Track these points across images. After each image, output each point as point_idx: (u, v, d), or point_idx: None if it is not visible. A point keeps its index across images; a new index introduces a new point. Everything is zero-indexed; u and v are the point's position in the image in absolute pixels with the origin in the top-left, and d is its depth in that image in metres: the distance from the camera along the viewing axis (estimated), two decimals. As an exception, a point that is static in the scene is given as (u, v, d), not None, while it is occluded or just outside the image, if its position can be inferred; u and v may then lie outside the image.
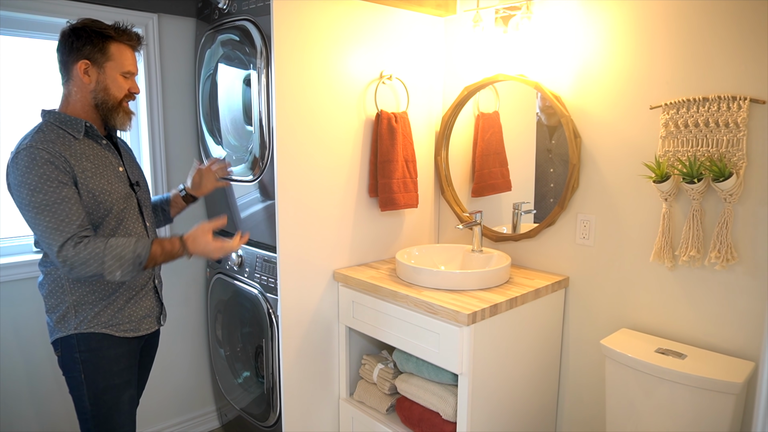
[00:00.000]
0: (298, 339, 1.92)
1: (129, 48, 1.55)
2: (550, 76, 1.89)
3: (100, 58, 1.50)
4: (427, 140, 2.24)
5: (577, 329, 1.94)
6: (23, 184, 1.38)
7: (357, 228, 2.05)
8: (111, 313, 1.56)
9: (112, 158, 1.58)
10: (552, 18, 1.87)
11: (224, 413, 2.54)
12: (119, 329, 1.58)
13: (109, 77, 1.52)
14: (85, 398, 1.55)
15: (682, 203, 1.62)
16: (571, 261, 1.93)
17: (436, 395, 1.77)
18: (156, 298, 1.70)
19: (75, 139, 1.50)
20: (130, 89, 1.57)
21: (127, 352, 1.61)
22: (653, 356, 1.55)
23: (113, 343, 1.57)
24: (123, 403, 1.60)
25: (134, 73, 1.58)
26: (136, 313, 1.62)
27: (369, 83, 1.99)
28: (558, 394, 2.02)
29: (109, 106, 1.54)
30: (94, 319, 1.54)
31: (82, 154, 1.49)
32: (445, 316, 1.60)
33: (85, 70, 1.50)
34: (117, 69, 1.52)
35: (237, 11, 1.97)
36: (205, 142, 2.24)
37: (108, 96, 1.53)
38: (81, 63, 1.49)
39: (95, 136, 1.55)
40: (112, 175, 1.55)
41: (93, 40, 1.49)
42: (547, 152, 1.97)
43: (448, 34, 2.22)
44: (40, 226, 1.39)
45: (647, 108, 1.66)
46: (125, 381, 1.60)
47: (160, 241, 1.54)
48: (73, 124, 1.50)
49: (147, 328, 1.66)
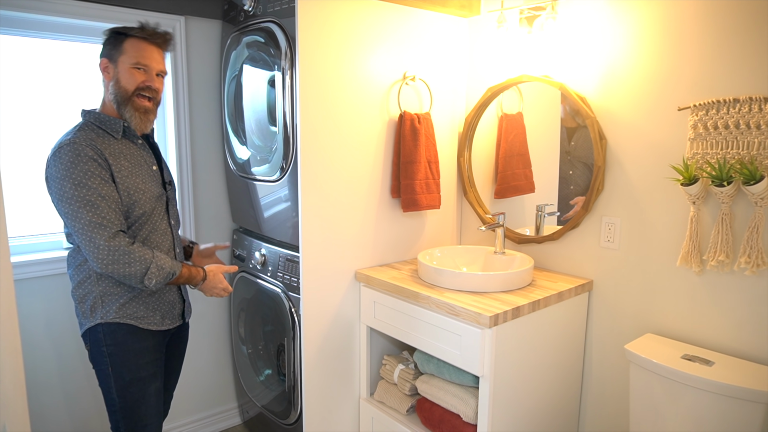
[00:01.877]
0: (319, 338, 1.94)
1: (145, 42, 1.56)
2: (576, 77, 1.87)
3: (115, 54, 1.55)
4: (449, 141, 2.24)
5: (600, 333, 1.91)
6: (66, 178, 1.43)
7: (379, 228, 2.06)
8: (136, 306, 1.60)
9: (147, 157, 1.64)
10: (577, 18, 1.85)
11: (246, 410, 2.57)
12: (143, 322, 1.62)
13: (121, 70, 1.54)
14: (113, 390, 1.59)
15: (710, 207, 1.59)
16: (595, 264, 1.90)
17: (456, 397, 1.77)
18: (179, 294, 1.73)
19: (114, 138, 1.56)
20: (144, 82, 1.56)
21: (152, 346, 1.65)
22: (680, 362, 1.52)
23: (138, 336, 1.61)
24: (149, 395, 1.64)
25: (150, 66, 1.56)
26: (160, 308, 1.66)
27: (392, 84, 1.99)
28: (580, 399, 2.00)
29: (120, 100, 1.55)
30: (120, 309, 1.58)
31: (120, 153, 1.55)
32: (467, 318, 1.60)
33: (105, 67, 1.56)
34: (128, 61, 1.54)
35: (262, 13, 2.00)
36: (230, 142, 2.27)
37: (119, 89, 1.54)
38: (102, 61, 1.56)
39: (132, 136, 1.60)
40: (146, 175, 1.61)
41: (112, 40, 1.55)
42: (570, 154, 1.95)
43: (472, 34, 2.21)
44: (82, 220, 1.44)
45: (675, 109, 1.63)
46: (150, 374, 1.64)
47: (189, 267, 1.66)
48: (112, 124, 1.56)
49: (170, 322, 1.70)
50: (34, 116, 2.07)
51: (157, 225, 1.64)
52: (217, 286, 1.71)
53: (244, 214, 2.34)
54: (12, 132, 2.03)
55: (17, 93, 2.02)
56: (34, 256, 2.05)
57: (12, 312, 0.70)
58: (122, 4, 2.05)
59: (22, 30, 1.94)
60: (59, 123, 2.03)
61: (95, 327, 1.57)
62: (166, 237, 1.67)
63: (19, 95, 2.03)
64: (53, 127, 2.04)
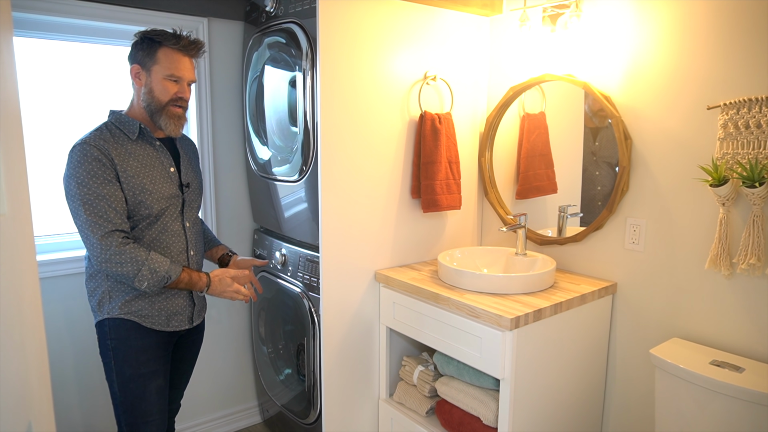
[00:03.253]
0: (339, 338, 1.94)
1: (179, 53, 1.60)
2: (600, 76, 1.83)
3: (149, 62, 1.58)
4: (471, 141, 2.22)
5: (625, 337, 1.87)
6: (72, 176, 1.49)
7: (399, 229, 2.05)
8: (142, 304, 1.62)
9: (164, 159, 1.66)
10: (602, 16, 1.81)
11: (266, 409, 2.59)
12: (147, 320, 1.64)
13: (155, 80, 1.59)
14: (115, 384, 1.63)
15: (741, 208, 1.54)
16: (619, 266, 1.86)
17: (477, 399, 1.75)
18: (189, 298, 1.73)
19: (129, 139, 1.59)
20: (177, 93, 1.61)
21: (155, 344, 1.66)
22: (708, 368, 1.48)
23: (141, 333, 1.63)
24: (149, 392, 1.65)
25: (183, 77, 1.62)
26: (167, 309, 1.67)
27: (413, 84, 1.98)
28: (604, 404, 1.96)
29: (154, 109, 1.61)
30: (125, 305, 1.61)
31: (131, 153, 1.58)
32: (488, 320, 1.58)
33: (136, 74, 1.60)
34: (161, 72, 1.58)
35: (284, 14, 2.01)
36: (251, 142, 2.29)
37: (153, 99, 1.60)
38: (133, 67, 1.60)
39: (149, 138, 1.63)
40: (158, 176, 1.63)
41: (144, 46, 1.58)
42: (594, 154, 1.91)
43: (494, 33, 2.19)
44: (81, 218, 1.49)
45: (704, 108, 1.59)
46: (152, 371, 1.66)
47: (190, 272, 1.65)
48: (129, 125, 1.60)
49: (177, 325, 1.70)
50: (59, 117, 2.11)
51: (168, 226, 1.65)
52: (226, 290, 1.70)
53: (265, 214, 2.35)
54: (38, 132, 2.07)
55: (45, 94, 2.06)
56: (57, 255, 2.09)
57: (38, 310, 0.71)
58: (147, 6, 2.08)
59: (50, 33, 1.98)
60: (87, 123, 2.07)
61: (102, 321, 1.62)
62: (178, 239, 1.68)
63: (47, 96, 2.07)
64: (81, 126, 2.08)
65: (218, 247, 1.97)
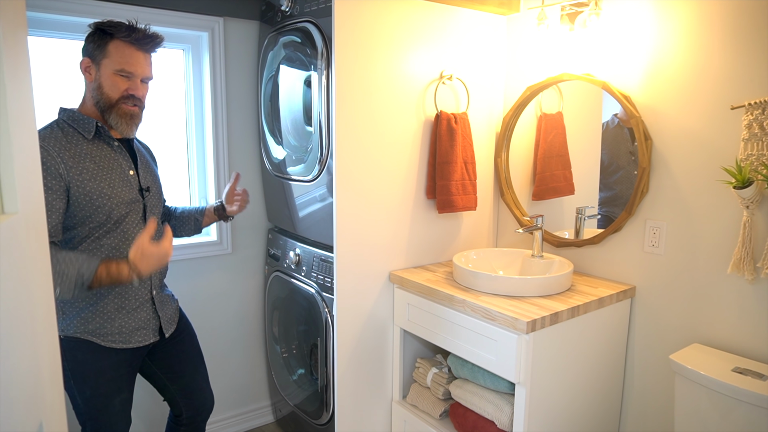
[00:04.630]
0: (352, 339, 1.93)
1: (132, 46, 1.48)
2: (619, 75, 1.80)
3: (99, 56, 1.46)
4: (487, 141, 2.19)
5: (643, 342, 1.83)
6: None
7: (414, 230, 2.03)
8: (99, 322, 1.52)
9: (123, 161, 1.55)
10: (622, 13, 1.78)
11: (279, 408, 2.59)
12: (106, 339, 1.53)
13: (104, 75, 1.47)
14: (77, 398, 1.56)
15: (765, 211, 1.50)
16: (638, 270, 1.83)
17: (491, 403, 1.73)
18: (153, 310, 1.63)
19: (85, 139, 1.48)
20: (128, 90, 1.49)
21: (115, 363, 1.56)
22: (730, 375, 1.44)
23: (99, 355, 1.53)
24: (113, 405, 1.57)
25: (134, 73, 1.50)
26: (127, 325, 1.57)
27: (429, 83, 1.97)
28: (621, 410, 1.92)
29: (104, 107, 1.49)
30: (81, 324, 1.51)
31: (86, 155, 1.47)
32: (503, 322, 1.56)
33: (86, 67, 1.48)
34: (111, 66, 1.46)
35: (299, 13, 2.00)
36: (266, 142, 2.29)
37: (102, 95, 1.48)
38: (83, 61, 1.49)
39: (107, 138, 1.53)
40: (117, 179, 1.52)
41: (95, 38, 1.46)
42: (613, 154, 1.88)
43: (511, 32, 2.16)
44: None
45: (727, 108, 1.55)
46: (113, 389, 1.57)
47: (108, 265, 1.41)
48: (85, 123, 1.49)
49: (140, 340, 1.60)
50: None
51: (130, 232, 1.54)
52: (150, 263, 1.42)
53: (280, 214, 2.35)
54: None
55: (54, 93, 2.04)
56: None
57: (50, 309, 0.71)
58: (162, 6, 2.09)
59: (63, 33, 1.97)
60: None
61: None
62: None
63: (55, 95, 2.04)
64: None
65: (207, 208, 1.90)
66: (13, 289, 0.57)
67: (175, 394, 1.79)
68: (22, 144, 0.63)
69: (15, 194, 0.60)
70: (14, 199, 0.60)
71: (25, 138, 0.64)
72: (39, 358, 0.64)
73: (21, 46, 0.65)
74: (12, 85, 0.60)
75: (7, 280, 0.56)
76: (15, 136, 0.60)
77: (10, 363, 0.55)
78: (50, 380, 0.67)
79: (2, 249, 0.55)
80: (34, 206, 0.67)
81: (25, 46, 0.67)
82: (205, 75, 2.29)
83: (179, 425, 1.83)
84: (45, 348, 0.67)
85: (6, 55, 0.59)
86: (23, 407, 0.58)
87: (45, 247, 0.71)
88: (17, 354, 0.57)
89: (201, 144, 2.37)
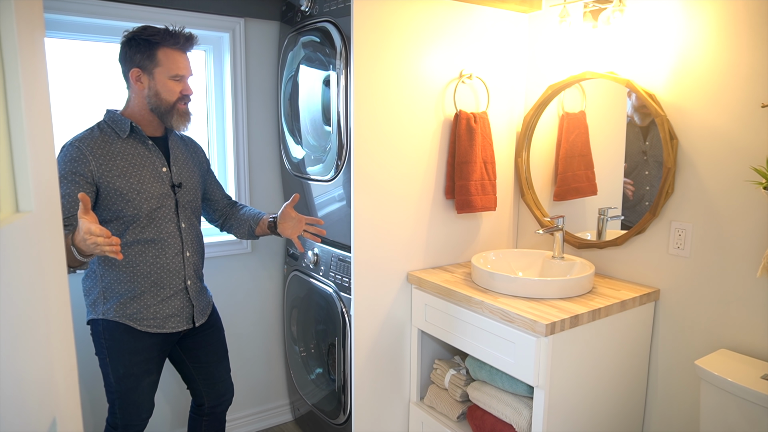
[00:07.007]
0: (370, 339, 1.92)
1: (177, 51, 1.62)
2: (644, 73, 1.76)
3: (149, 65, 1.59)
4: (507, 141, 2.17)
5: (667, 346, 1.79)
6: None
7: (432, 230, 2.02)
8: (137, 308, 1.64)
9: (156, 159, 1.66)
10: (646, 10, 1.73)
11: (297, 407, 2.60)
12: (142, 324, 1.66)
13: (159, 82, 1.61)
14: (110, 376, 1.67)
15: (797, 213, 1.45)
16: (662, 272, 1.78)
17: (510, 407, 1.70)
18: (186, 299, 1.74)
19: (120, 137, 1.61)
20: (182, 91, 1.64)
21: (148, 346, 1.68)
22: (760, 383, 1.39)
23: (134, 336, 1.66)
24: (143, 386, 1.70)
25: (185, 75, 1.65)
26: (162, 311, 1.68)
27: (448, 83, 1.95)
28: (644, 416, 1.88)
29: (163, 110, 1.63)
30: (119, 309, 1.63)
31: (119, 152, 1.59)
32: (522, 325, 1.53)
33: (137, 77, 1.61)
34: (165, 74, 1.60)
35: (318, 13, 2.00)
36: (286, 142, 2.30)
37: (160, 101, 1.62)
38: (133, 71, 1.61)
39: (141, 137, 1.65)
40: (148, 175, 1.63)
41: (141, 48, 1.58)
42: (638, 154, 1.83)
43: (532, 30, 2.13)
44: None
45: (757, 106, 1.50)
46: (144, 371, 1.69)
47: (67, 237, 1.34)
48: (121, 123, 1.62)
49: (173, 326, 1.72)
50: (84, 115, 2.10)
51: (163, 227, 1.66)
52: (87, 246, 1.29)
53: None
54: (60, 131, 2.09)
55: (70, 93, 2.06)
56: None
57: (66, 306, 0.72)
58: (184, 7, 2.12)
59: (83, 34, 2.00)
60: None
61: (96, 320, 1.66)
62: (173, 240, 1.68)
63: (72, 96, 2.06)
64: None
65: (263, 219, 1.93)
66: (27, 287, 0.58)
67: (199, 382, 1.89)
68: (38, 144, 0.64)
69: (30, 193, 0.61)
70: (29, 198, 0.61)
71: (41, 138, 0.65)
72: (53, 355, 0.65)
73: (38, 47, 0.66)
74: (28, 86, 0.61)
75: (21, 277, 0.56)
76: (30, 137, 0.61)
77: (22, 360, 0.55)
78: (64, 376, 0.68)
79: (17, 247, 0.55)
80: (49, 205, 0.68)
81: (42, 47, 0.68)
82: (226, 75, 2.31)
83: (201, 415, 1.94)
84: (59, 345, 0.67)
85: (23, 56, 0.60)
86: (35, 403, 0.59)
87: (60, 246, 0.72)
88: (29, 351, 0.58)
89: (222, 144, 2.39)
